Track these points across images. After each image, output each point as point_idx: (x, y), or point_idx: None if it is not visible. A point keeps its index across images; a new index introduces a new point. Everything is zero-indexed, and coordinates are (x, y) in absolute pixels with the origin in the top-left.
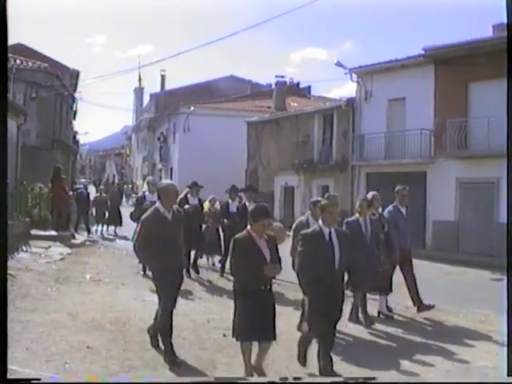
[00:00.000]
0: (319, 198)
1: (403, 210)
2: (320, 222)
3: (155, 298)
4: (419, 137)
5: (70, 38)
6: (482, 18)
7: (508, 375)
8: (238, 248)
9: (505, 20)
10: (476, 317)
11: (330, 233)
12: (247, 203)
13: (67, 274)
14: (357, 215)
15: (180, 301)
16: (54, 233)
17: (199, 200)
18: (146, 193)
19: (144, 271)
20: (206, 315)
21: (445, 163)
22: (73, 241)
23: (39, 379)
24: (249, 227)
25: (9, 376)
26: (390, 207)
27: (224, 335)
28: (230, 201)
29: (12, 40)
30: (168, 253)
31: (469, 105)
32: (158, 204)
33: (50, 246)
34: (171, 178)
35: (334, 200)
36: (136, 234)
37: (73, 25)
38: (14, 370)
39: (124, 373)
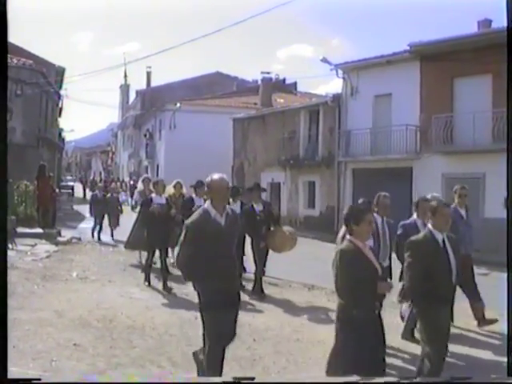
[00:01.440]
0: (428, 196)
1: (463, 212)
2: (429, 225)
3: (142, 295)
4: (405, 132)
5: (56, 36)
6: (467, 14)
7: (508, 375)
8: (347, 264)
9: (490, 16)
10: (464, 311)
11: (444, 239)
12: (255, 205)
13: (53, 271)
14: (414, 217)
15: (166, 297)
16: (40, 230)
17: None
18: (153, 195)
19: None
20: (193, 312)
21: (430, 159)
22: (59, 238)
23: (39, 379)
24: (349, 236)
25: (9, 376)
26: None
27: None
28: (231, 201)
29: None
30: (220, 268)
31: (454, 100)
32: (207, 205)
33: (36, 244)
34: (157, 175)
35: (386, 200)
36: (179, 246)
37: (59, 22)
38: (15, 370)
39: (111, 370)
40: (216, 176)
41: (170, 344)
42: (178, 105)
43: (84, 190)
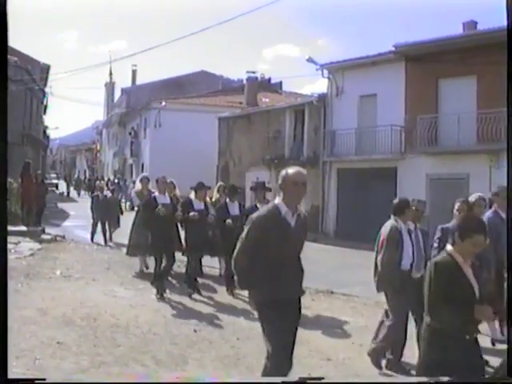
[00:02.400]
0: (473, 197)
1: (503, 215)
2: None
3: (126, 293)
4: (390, 133)
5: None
6: (452, 15)
7: (508, 375)
8: (442, 277)
9: (475, 18)
10: None
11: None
12: (259, 205)
13: (37, 269)
14: (454, 221)
15: (150, 296)
16: (24, 228)
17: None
18: (156, 194)
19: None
20: (177, 311)
21: (415, 159)
22: (43, 236)
23: (44, 379)
24: (450, 248)
25: (9, 376)
26: (489, 213)
27: (195, 330)
28: (228, 201)
29: None
30: (284, 276)
31: (439, 101)
32: (278, 201)
33: (19, 242)
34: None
35: (423, 206)
36: (240, 243)
37: (45, 19)
38: (15, 370)
39: (94, 368)
40: (292, 169)
41: (154, 342)
42: (163, 103)
43: (68, 188)
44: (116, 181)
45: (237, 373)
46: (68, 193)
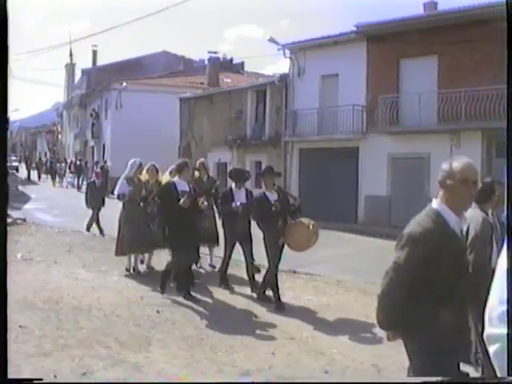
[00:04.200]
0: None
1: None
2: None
3: (88, 276)
4: (351, 113)
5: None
6: None
7: (508, 375)
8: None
9: None
10: None
11: None
12: (267, 193)
13: None
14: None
15: (112, 278)
16: None
17: (247, 192)
18: (176, 179)
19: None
20: (140, 292)
21: (377, 139)
22: None
23: (41, 379)
24: None
25: (9, 376)
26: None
27: (158, 311)
28: (233, 187)
29: None
30: (457, 314)
31: (400, 81)
32: (437, 205)
33: None
34: (103, 156)
35: (502, 190)
36: (394, 272)
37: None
38: (16, 370)
39: (57, 352)
40: (460, 162)
41: (117, 324)
42: (125, 84)
43: (28, 171)
44: (78, 163)
45: (200, 352)
46: (29, 175)
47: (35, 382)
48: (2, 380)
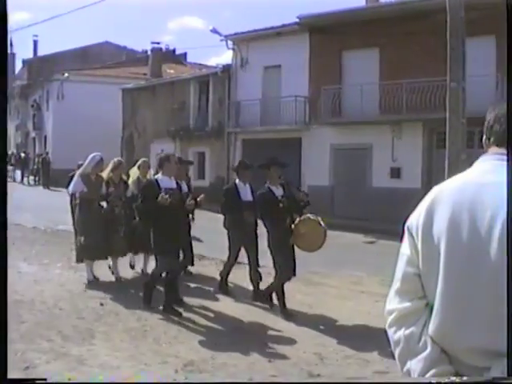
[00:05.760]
0: None
1: None
2: None
3: (30, 269)
4: (294, 104)
5: None
6: None
7: (508, 375)
8: None
9: None
10: (349, 279)
11: None
12: (273, 188)
13: None
14: None
15: (55, 271)
16: None
17: (252, 188)
18: (159, 176)
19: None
20: (83, 285)
21: (319, 129)
22: None
23: (45, 379)
24: None
25: (9, 376)
26: None
27: (101, 304)
28: (238, 182)
29: None
30: None
31: (343, 72)
32: None
33: None
34: (45, 147)
35: None
36: None
37: None
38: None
39: None
40: None
41: (60, 317)
42: (66, 75)
43: None
44: (23, 155)
45: (144, 344)
46: None
47: (37, 382)
48: (2, 380)
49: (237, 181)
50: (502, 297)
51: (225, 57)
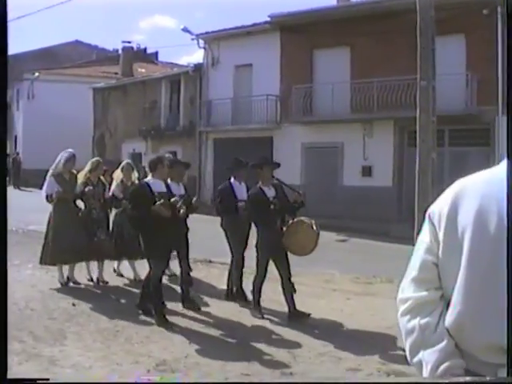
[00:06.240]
0: None
1: None
2: None
3: None
4: (265, 103)
5: None
6: None
7: (508, 375)
8: None
9: None
10: (322, 277)
11: None
12: (264, 188)
13: None
14: None
15: (26, 271)
16: None
17: (247, 187)
18: (149, 179)
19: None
20: (54, 285)
21: (290, 128)
22: None
23: (48, 379)
24: None
25: (9, 376)
26: None
27: (73, 304)
28: (233, 181)
29: None
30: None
31: (314, 71)
32: None
33: None
34: (15, 147)
35: None
36: None
37: None
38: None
39: None
40: None
41: (32, 318)
42: (37, 74)
43: None
44: None
45: (116, 344)
46: None
47: (39, 381)
48: (2, 380)
49: (232, 180)
50: None
51: (196, 56)
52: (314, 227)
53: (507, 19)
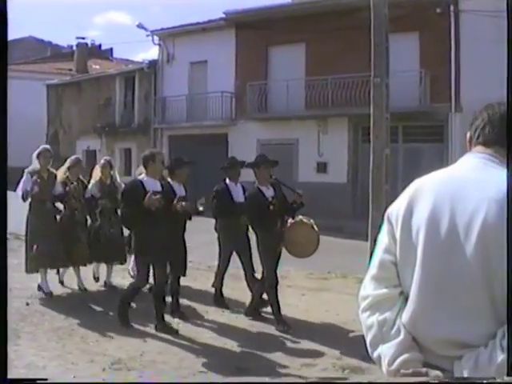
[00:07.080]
0: None
1: None
2: None
3: None
4: (220, 99)
5: None
6: None
7: (508, 375)
8: None
9: None
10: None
11: None
12: (262, 188)
13: None
14: None
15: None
16: None
17: (243, 188)
18: (143, 176)
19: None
20: (8, 284)
21: (246, 125)
22: None
23: (46, 379)
24: None
25: (9, 376)
26: None
27: (27, 304)
28: (229, 182)
29: None
30: None
31: (269, 68)
32: None
33: None
34: None
35: None
36: None
37: None
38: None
39: None
40: None
41: None
42: None
43: None
44: None
45: (71, 343)
46: None
47: (38, 382)
48: (2, 380)
49: (227, 181)
50: (475, 291)
51: (152, 52)
52: (315, 227)
53: (507, 19)
